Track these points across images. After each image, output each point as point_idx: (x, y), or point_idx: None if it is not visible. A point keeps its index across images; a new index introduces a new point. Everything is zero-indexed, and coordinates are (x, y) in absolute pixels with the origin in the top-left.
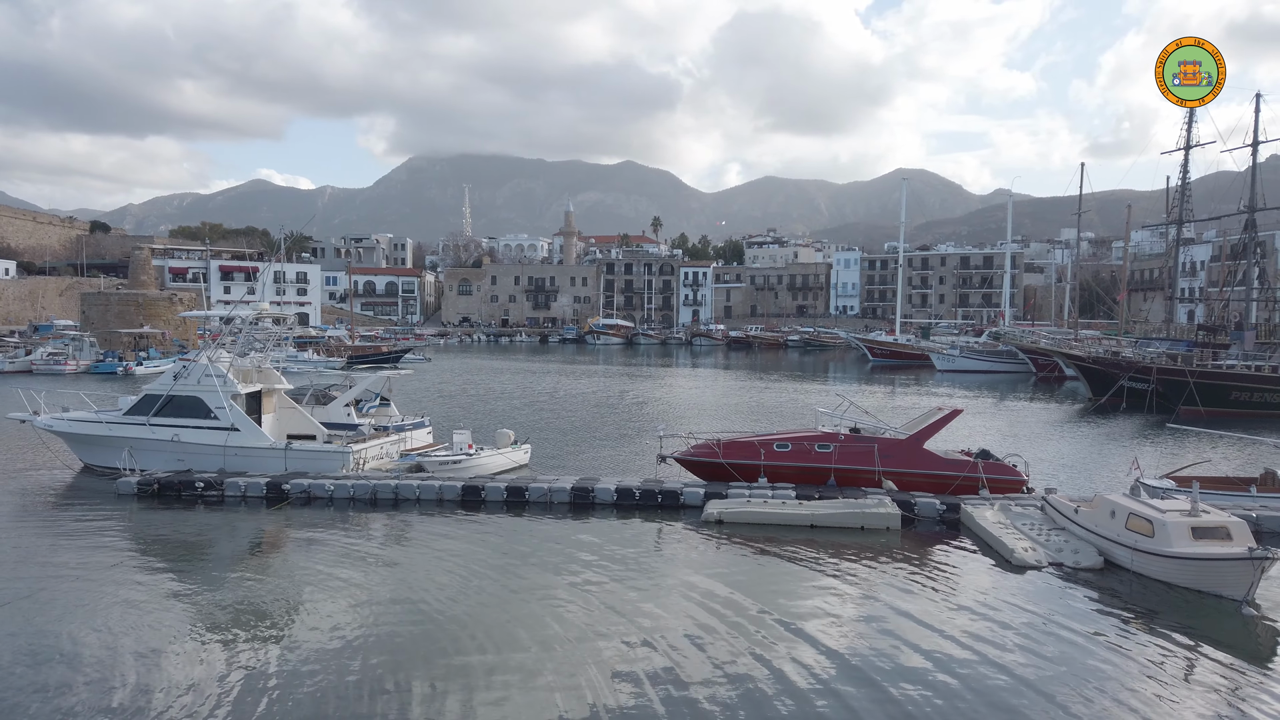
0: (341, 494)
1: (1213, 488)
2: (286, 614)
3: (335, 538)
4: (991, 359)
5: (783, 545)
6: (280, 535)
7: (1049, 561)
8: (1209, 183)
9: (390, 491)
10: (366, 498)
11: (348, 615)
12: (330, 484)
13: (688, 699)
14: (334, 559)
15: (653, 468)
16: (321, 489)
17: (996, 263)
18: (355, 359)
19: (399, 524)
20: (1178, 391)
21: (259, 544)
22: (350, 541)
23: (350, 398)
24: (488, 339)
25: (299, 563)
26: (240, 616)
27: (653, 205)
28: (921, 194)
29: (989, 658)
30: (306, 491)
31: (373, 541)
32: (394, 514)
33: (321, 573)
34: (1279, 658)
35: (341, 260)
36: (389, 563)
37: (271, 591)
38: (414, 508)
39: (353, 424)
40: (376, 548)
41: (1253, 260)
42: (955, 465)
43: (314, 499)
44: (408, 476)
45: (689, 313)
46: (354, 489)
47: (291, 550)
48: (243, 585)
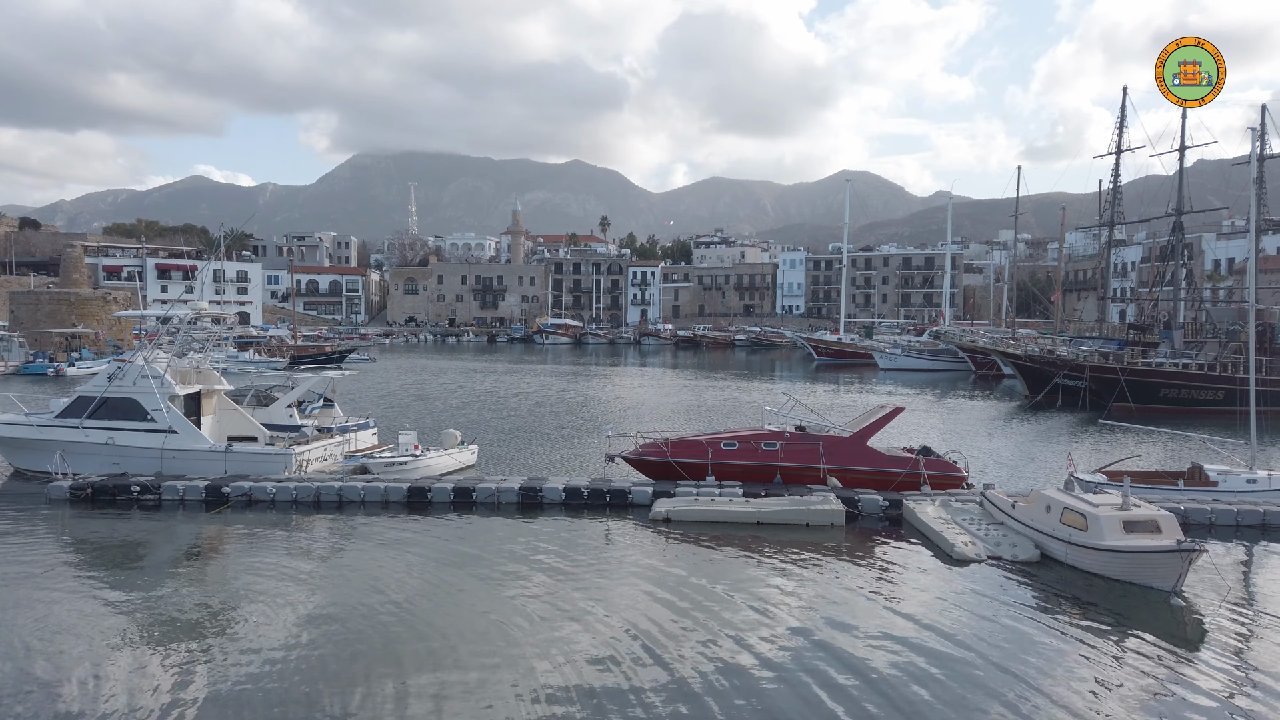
0: (284, 497)
1: (1143, 482)
2: (227, 619)
3: (277, 541)
4: (932, 358)
5: (730, 542)
6: (220, 539)
7: (988, 555)
8: (1139, 186)
9: (334, 494)
10: (310, 500)
11: (290, 620)
12: (272, 486)
13: (638, 695)
14: (276, 563)
15: (601, 467)
16: (263, 492)
17: (937, 263)
18: (298, 359)
19: (343, 527)
20: (1110, 389)
21: (198, 549)
22: (293, 545)
23: (293, 399)
24: (434, 339)
25: (240, 567)
26: (178, 623)
27: (601, 205)
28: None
29: (931, 649)
30: (248, 494)
31: (316, 545)
32: (338, 517)
33: (263, 577)
34: (1205, 646)
35: (284, 259)
36: (333, 566)
37: (211, 597)
38: (359, 510)
39: (295, 425)
40: (320, 551)
41: (1180, 261)
42: (898, 462)
43: (255, 502)
44: (352, 478)
45: (637, 312)
46: (297, 491)
47: (232, 554)
48: (181, 591)
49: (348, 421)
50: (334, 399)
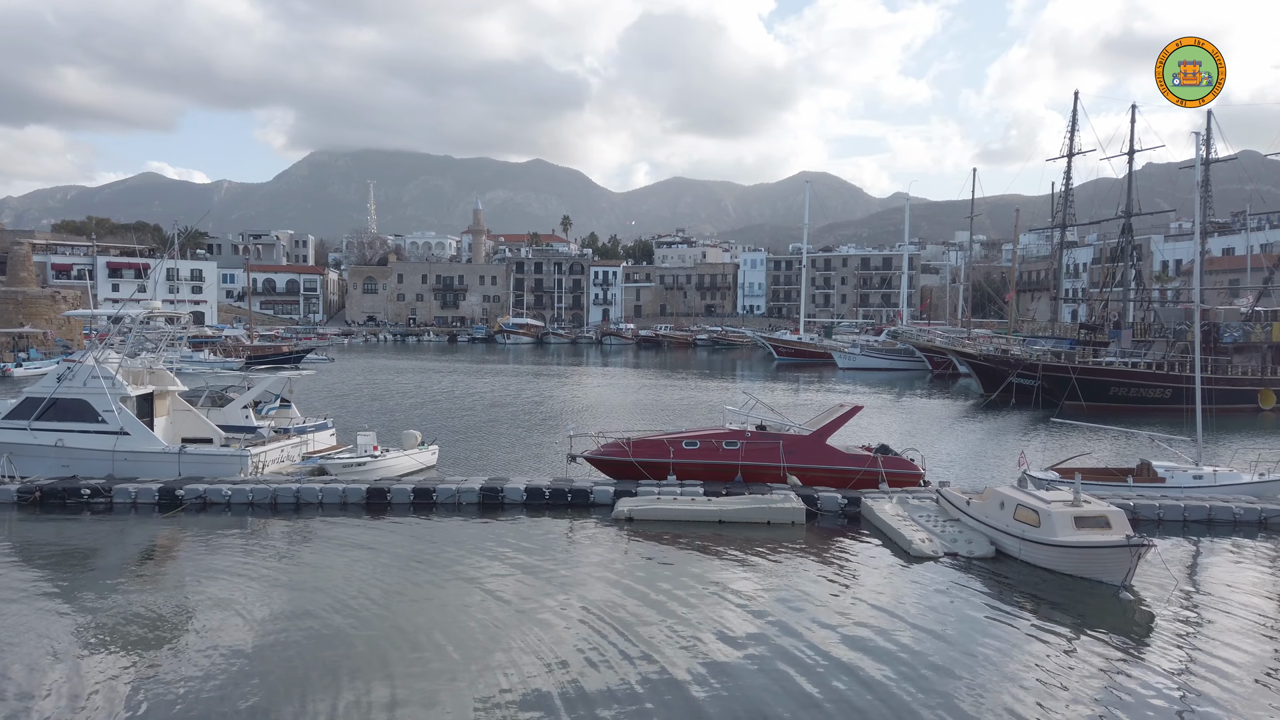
0: (239, 499)
1: (1093, 478)
2: (180, 625)
3: (233, 544)
4: (890, 357)
5: (692, 541)
6: (174, 543)
7: (944, 552)
8: (1090, 189)
9: (291, 495)
10: (266, 502)
11: (246, 624)
12: (227, 489)
13: (601, 695)
14: (231, 566)
15: (563, 467)
16: (218, 494)
17: (895, 264)
18: (254, 359)
19: (300, 529)
20: (1062, 387)
21: (151, 552)
22: (249, 548)
23: (248, 399)
24: (394, 338)
25: (194, 571)
26: (130, 629)
27: (563, 204)
28: (824, 196)
29: (890, 644)
30: (202, 497)
31: (273, 547)
32: (295, 519)
33: (218, 581)
34: (1153, 638)
35: (239, 257)
36: (290, 569)
37: (164, 602)
38: (316, 512)
39: (251, 426)
40: (277, 553)
41: (1129, 263)
42: (856, 460)
43: (210, 504)
44: (309, 480)
45: (599, 312)
46: (252, 493)
47: (186, 558)
48: (132, 596)
49: (305, 422)
50: (291, 399)
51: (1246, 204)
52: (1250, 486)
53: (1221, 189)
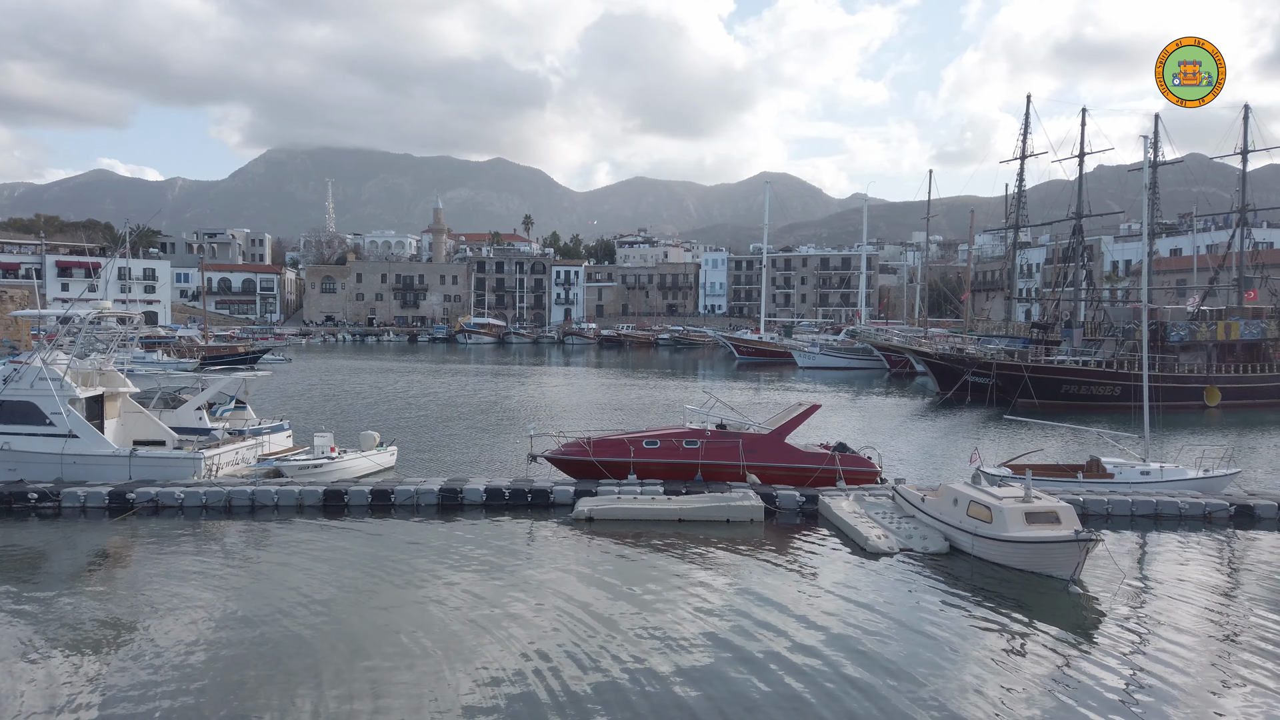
0: (193, 502)
1: (1044, 475)
2: (133, 631)
3: (186, 548)
4: (849, 356)
5: (651, 540)
6: (125, 548)
7: (900, 548)
8: (1043, 190)
9: (246, 498)
10: (220, 505)
11: (200, 630)
12: (180, 492)
13: (562, 696)
14: (184, 571)
15: (523, 467)
16: (170, 497)
17: (853, 264)
18: (209, 360)
19: (256, 532)
20: (1015, 385)
21: (101, 557)
22: (203, 552)
23: (202, 400)
24: (353, 338)
25: (146, 576)
26: (81, 635)
27: (524, 203)
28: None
29: (847, 640)
30: (154, 500)
31: (227, 551)
32: (250, 522)
33: (171, 585)
34: (1102, 630)
35: (194, 256)
36: (245, 573)
37: (116, 607)
38: (272, 515)
39: (205, 428)
40: (232, 557)
41: (1080, 263)
42: (814, 458)
43: (162, 508)
44: (265, 482)
45: (561, 311)
46: (206, 496)
47: (137, 563)
48: (82, 603)
49: (261, 424)
50: (247, 401)
51: (1193, 206)
52: (1195, 482)
53: (1169, 191)
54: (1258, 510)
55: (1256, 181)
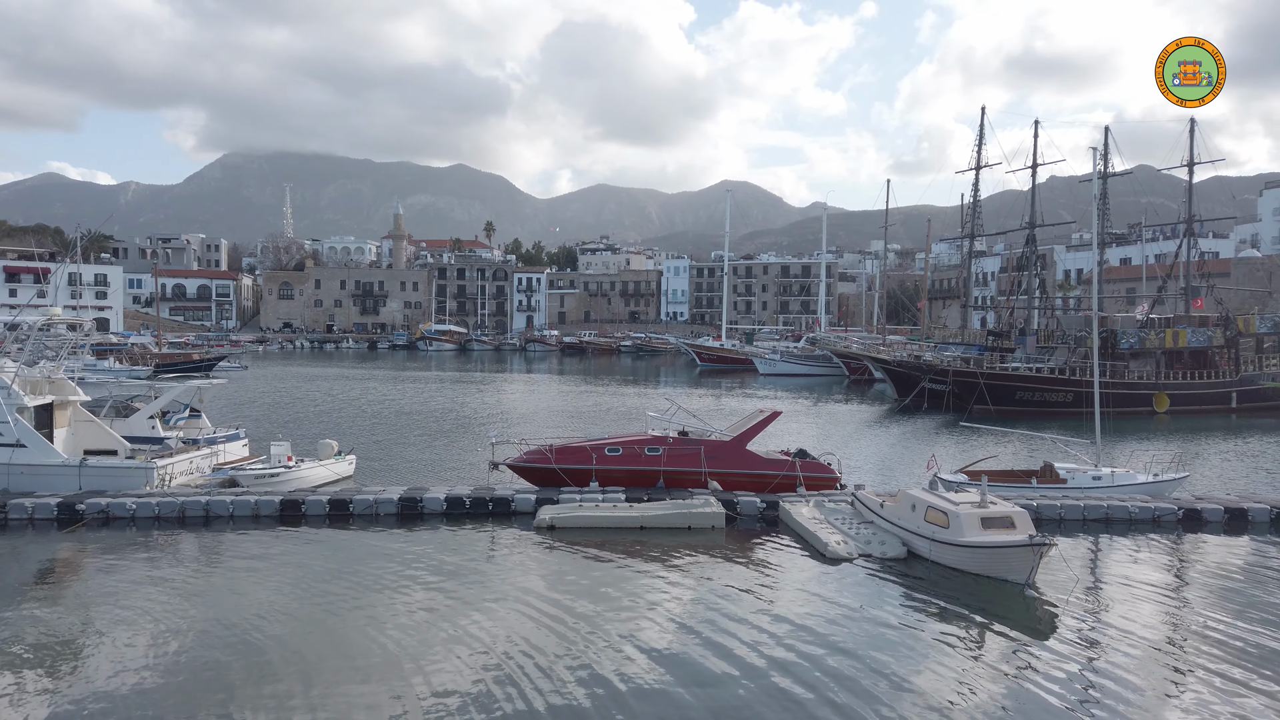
0: (145, 513)
1: (1000, 480)
2: (84, 645)
3: (137, 560)
4: (809, 363)
5: (613, 548)
6: (74, 560)
7: (859, 553)
8: (997, 200)
9: (200, 508)
10: (173, 516)
11: (152, 644)
12: (132, 502)
13: (522, 705)
14: (136, 583)
15: (484, 475)
16: (122, 508)
17: (813, 272)
18: (162, 367)
19: (210, 543)
20: (971, 392)
21: (49, 570)
22: (155, 563)
23: (155, 409)
24: (311, 345)
25: (97, 588)
26: (29, 650)
27: (486, 210)
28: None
29: (807, 644)
30: (105, 511)
31: (181, 563)
32: (204, 533)
33: (122, 599)
34: (1056, 633)
35: (147, 261)
36: (199, 585)
37: (65, 621)
38: (227, 525)
39: (158, 437)
40: (185, 569)
41: (1033, 272)
42: (775, 465)
43: (113, 519)
44: (220, 492)
45: (523, 318)
46: (159, 507)
47: (87, 576)
48: (29, 617)
49: (216, 432)
50: (201, 409)
51: (1142, 216)
52: (1145, 486)
53: (1119, 202)
54: (1204, 514)
55: (1202, 193)
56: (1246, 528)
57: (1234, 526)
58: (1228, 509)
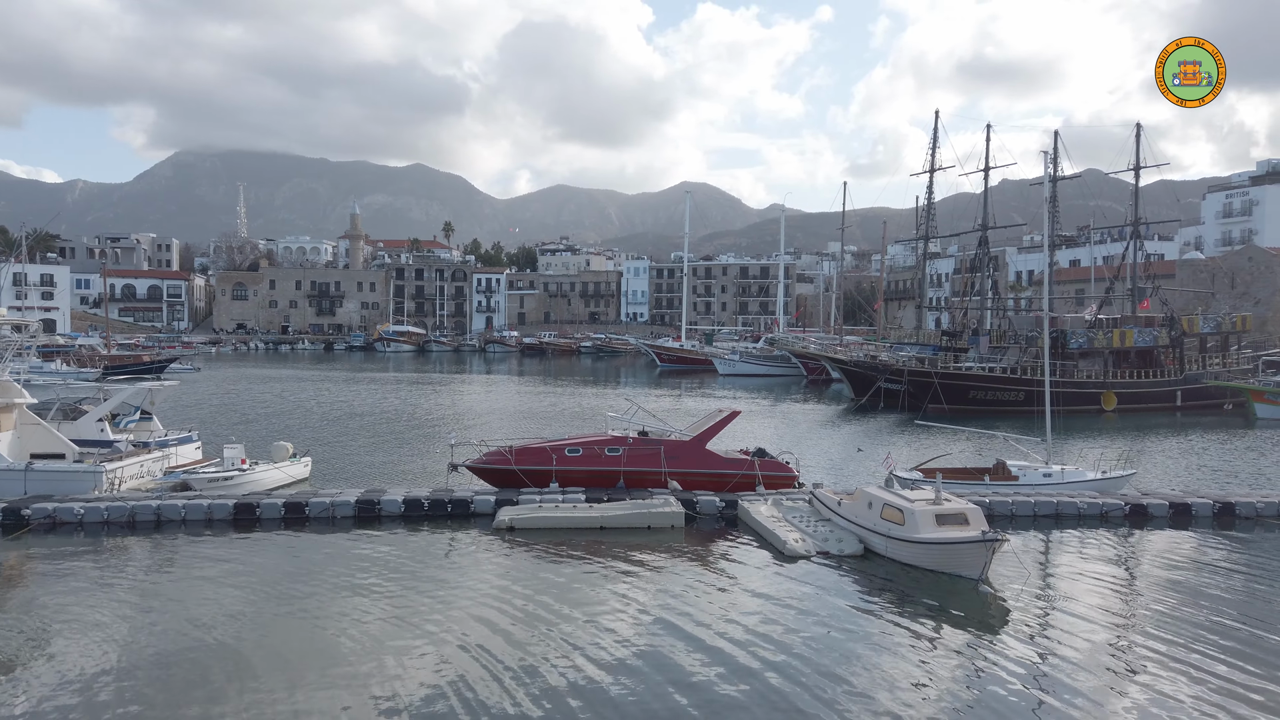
0: (93, 517)
1: (954, 478)
2: (29, 654)
3: (86, 566)
4: (768, 363)
5: (573, 548)
6: (20, 566)
7: (816, 551)
8: (951, 203)
9: (151, 513)
10: (123, 521)
11: (101, 652)
12: (80, 507)
13: (479, 709)
14: (85, 590)
15: (443, 477)
16: (69, 513)
17: (772, 273)
18: (111, 369)
19: (162, 549)
20: (925, 391)
21: None
22: (105, 570)
23: (104, 411)
24: (266, 347)
25: (43, 596)
26: None
27: (444, 210)
28: (704, 207)
29: (765, 642)
30: (51, 516)
31: (131, 568)
32: (156, 538)
33: (69, 607)
34: (1009, 627)
35: (96, 261)
36: (150, 592)
37: (10, 629)
38: (179, 530)
39: (107, 440)
40: (135, 575)
41: (986, 273)
42: (734, 464)
43: (60, 524)
44: (171, 496)
45: (482, 319)
46: (108, 511)
47: (33, 583)
48: None
49: (168, 435)
50: (152, 411)
51: (1091, 219)
52: (1094, 483)
53: (1068, 205)
54: (1150, 509)
55: (1148, 196)
56: (1190, 522)
57: (1178, 521)
58: (1172, 504)
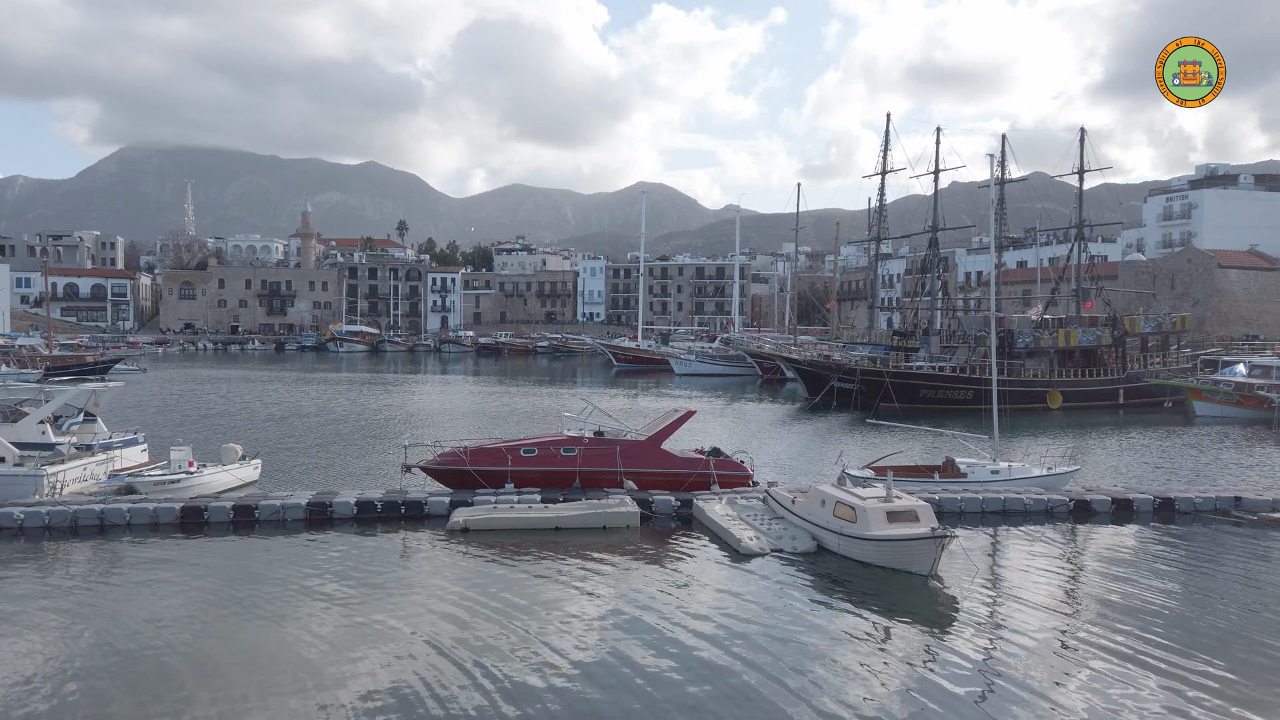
0: (34, 523)
1: (904, 475)
2: None
3: (27, 573)
4: (723, 363)
5: (528, 549)
6: None
7: (770, 549)
8: (902, 204)
9: (94, 517)
10: (65, 525)
11: (45, 658)
12: (19, 512)
13: (439, 711)
14: (25, 597)
15: (397, 478)
16: (9, 518)
17: (727, 273)
18: (53, 370)
19: (106, 553)
20: (877, 390)
21: None
22: (46, 575)
23: (46, 413)
24: (215, 347)
25: None
26: None
27: (398, 208)
28: (661, 207)
29: (720, 639)
30: None
31: (74, 574)
32: (100, 542)
33: (9, 615)
34: (957, 621)
35: (36, 259)
36: (92, 597)
37: None
38: (124, 534)
39: (49, 443)
40: (78, 581)
41: (936, 274)
42: (689, 464)
43: (0, 530)
44: (116, 499)
45: (437, 319)
46: (49, 516)
47: None
48: None
49: (112, 437)
50: (96, 413)
51: (1037, 221)
52: (1040, 479)
53: (1015, 207)
54: (1093, 505)
55: (1092, 199)
56: (1132, 517)
57: (1120, 516)
58: (1115, 500)
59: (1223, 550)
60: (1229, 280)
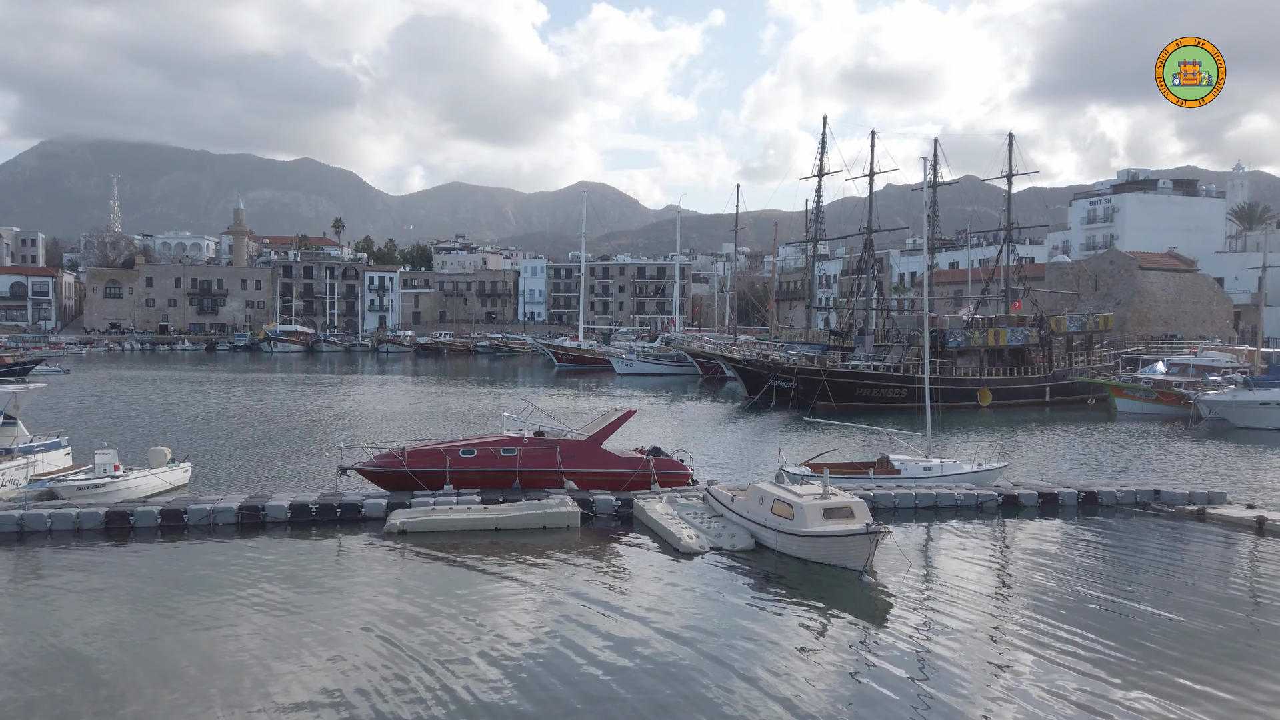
0: None
1: (840, 472)
2: None
3: None
4: (664, 363)
5: (467, 551)
6: None
7: (710, 547)
8: (839, 206)
9: (13, 523)
10: None
11: None
12: None
13: (378, 714)
14: None
15: (332, 481)
16: None
17: (668, 273)
18: None
19: (26, 561)
20: (814, 389)
21: None
22: None
23: None
24: (143, 347)
25: None
26: None
27: (335, 206)
28: (602, 207)
29: (660, 636)
30: None
31: None
32: (19, 549)
33: None
34: (890, 615)
35: None
36: (10, 606)
37: None
38: (45, 541)
39: None
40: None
41: (871, 275)
42: (630, 463)
43: None
44: (36, 505)
45: (375, 319)
46: None
47: None
48: None
49: (33, 441)
50: (17, 416)
51: (968, 223)
52: (970, 475)
53: (947, 209)
54: (1021, 499)
55: (1020, 202)
56: (1057, 510)
57: (1046, 510)
58: (1041, 494)
59: (1143, 541)
60: (1149, 281)
